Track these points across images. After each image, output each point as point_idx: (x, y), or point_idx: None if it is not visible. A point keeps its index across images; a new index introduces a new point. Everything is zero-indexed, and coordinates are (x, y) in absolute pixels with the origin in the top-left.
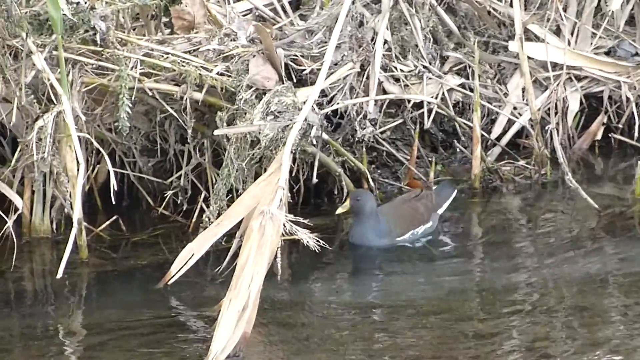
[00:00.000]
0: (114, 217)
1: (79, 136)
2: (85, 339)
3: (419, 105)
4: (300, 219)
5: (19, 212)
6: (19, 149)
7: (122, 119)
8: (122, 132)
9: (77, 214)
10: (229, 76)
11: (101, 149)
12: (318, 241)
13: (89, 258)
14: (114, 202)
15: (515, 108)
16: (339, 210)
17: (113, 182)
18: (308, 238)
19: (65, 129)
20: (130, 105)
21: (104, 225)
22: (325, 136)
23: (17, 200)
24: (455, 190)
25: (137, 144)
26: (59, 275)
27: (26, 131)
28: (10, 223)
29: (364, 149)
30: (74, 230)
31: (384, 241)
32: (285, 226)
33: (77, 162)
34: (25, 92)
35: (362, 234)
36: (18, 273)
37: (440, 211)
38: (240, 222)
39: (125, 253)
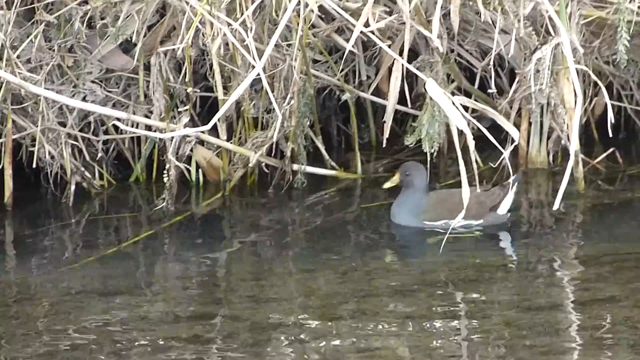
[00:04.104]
0: (611, 150)
1: (576, 68)
2: (580, 270)
3: None
4: None
5: (515, 143)
6: (516, 81)
7: (620, 52)
8: (619, 65)
9: (573, 145)
10: None
11: (599, 82)
12: None
13: (585, 190)
14: (610, 135)
15: None
16: (387, 185)
17: (610, 115)
18: None
19: (563, 61)
20: (629, 38)
21: (600, 158)
22: None
23: (514, 132)
24: (515, 186)
25: (635, 77)
26: (555, 206)
27: (524, 63)
28: (506, 154)
29: None
30: (570, 162)
31: (409, 221)
32: None
33: (575, 94)
34: (523, 24)
35: (394, 209)
36: None
37: (501, 211)
38: None
39: (621, 186)
